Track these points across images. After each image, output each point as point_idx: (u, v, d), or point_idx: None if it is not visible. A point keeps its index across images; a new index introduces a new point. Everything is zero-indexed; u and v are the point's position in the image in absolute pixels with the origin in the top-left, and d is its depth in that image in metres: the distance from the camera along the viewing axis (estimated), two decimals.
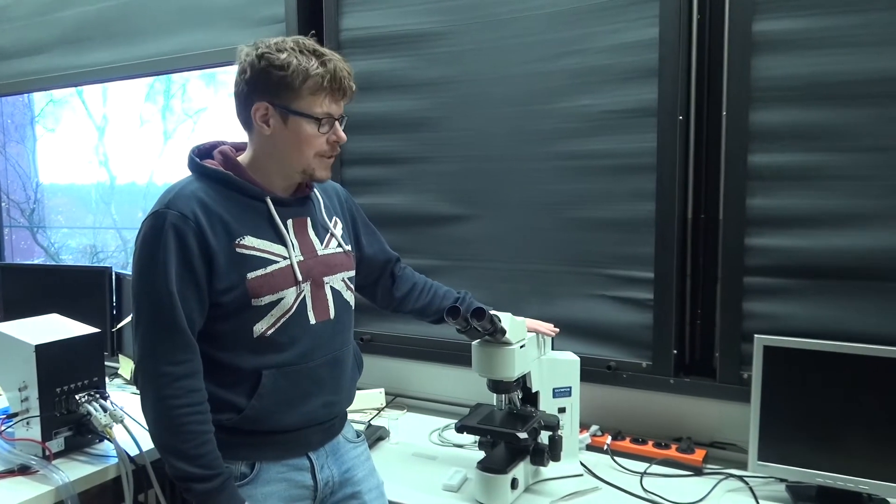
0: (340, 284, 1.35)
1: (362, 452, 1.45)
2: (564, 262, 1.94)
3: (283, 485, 1.29)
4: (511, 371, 1.51)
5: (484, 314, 1.41)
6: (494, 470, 1.52)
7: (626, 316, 1.90)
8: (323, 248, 1.31)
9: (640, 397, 1.91)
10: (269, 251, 1.23)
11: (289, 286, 1.24)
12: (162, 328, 1.15)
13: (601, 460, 1.77)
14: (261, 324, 1.22)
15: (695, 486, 1.63)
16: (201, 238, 1.16)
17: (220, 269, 1.18)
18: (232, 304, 1.20)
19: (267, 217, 1.24)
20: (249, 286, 1.20)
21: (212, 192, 1.21)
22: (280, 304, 1.23)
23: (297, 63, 1.17)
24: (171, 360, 1.15)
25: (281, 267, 1.23)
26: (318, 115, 1.21)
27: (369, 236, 1.54)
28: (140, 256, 1.17)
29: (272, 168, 1.26)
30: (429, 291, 1.60)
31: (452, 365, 2.12)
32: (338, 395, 1.36)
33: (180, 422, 1.15)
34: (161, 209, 1.17)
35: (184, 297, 1.16)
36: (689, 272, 1.86)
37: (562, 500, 1.56)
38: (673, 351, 1.83)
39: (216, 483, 1.17)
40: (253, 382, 1.23)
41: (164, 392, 1.15)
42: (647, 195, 1.83)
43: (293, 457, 1.31)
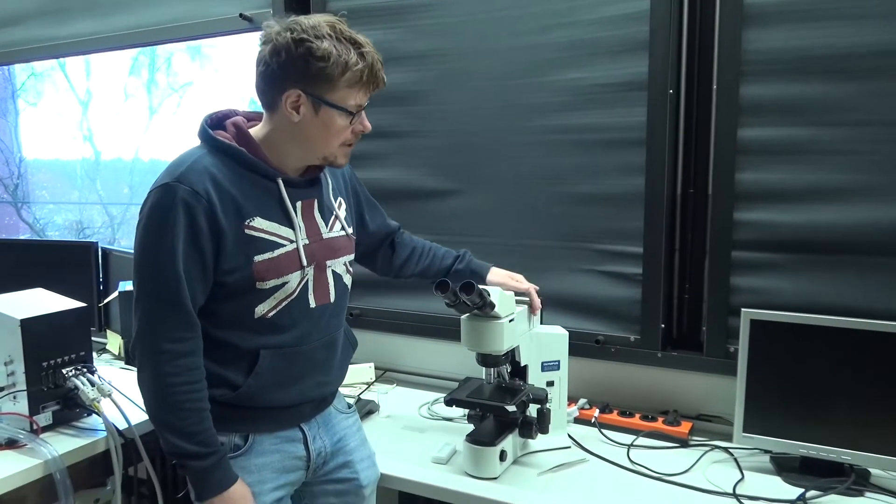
0: (341, 268, 1.35)
1: (353, 423, 1.47)
2: (553, 236, 1.94)
3: (276, 456, 1.30)
4: (500, 345, 1.51)
5: (473, 288, 1.40)
6: (483, 442, 1.53)
7: (615, 290, 1.91)
8: (328, 232, 1.31)
9: (627, 371, 1.92)
10: (278, 234, 1.22)
11: (294, 270, 1.24)
12: (165, 305, 1.14)
13: (589, 433, 1.78)
14: (262, 305, 1.22)
15: (681, 457, 1.65)
16: (212, 217, 1.14)
17: (227, 249, 1.16)
18: (235, 284, 1.19)
19: (277, 198, 1.23)
20: (255, 269, 1.19)
21: (224, 169, 1.18)
22: (284, 288, 1.23)
23: (337, 55, 1.14)
24: (171, 337, 1.14)
25: (287, 251, 1.22)
26: (351, 108, 1.20)
27: (372, 212, 1.53)
28: (146, 229, 1.14)
29: (290, 150, 1.23)
30: (427, 254, 1.60)
31: (441, 339, 2.13)
32: (330, 375, 1.38)
33: (178, 399, 1.15)
34: (172, 182, 1.14)
35: (189, 275, 1.14)
36: (678, 247, 1.86)
37: (550, 472, 1.57)
38: (661, 325, 1.85)
39: (211, 460, 1.18)
40: (250, 361, 1.23)
41: (164, 369, 1.14)
42: (637, 170, 1.83)
43: (286, 429, 1.32)
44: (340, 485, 1.41)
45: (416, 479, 1.54)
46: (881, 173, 1.60)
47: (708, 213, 1.78)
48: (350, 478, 1.42)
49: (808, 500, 1.45)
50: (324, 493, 1.41)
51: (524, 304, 1.63)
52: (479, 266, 1.64)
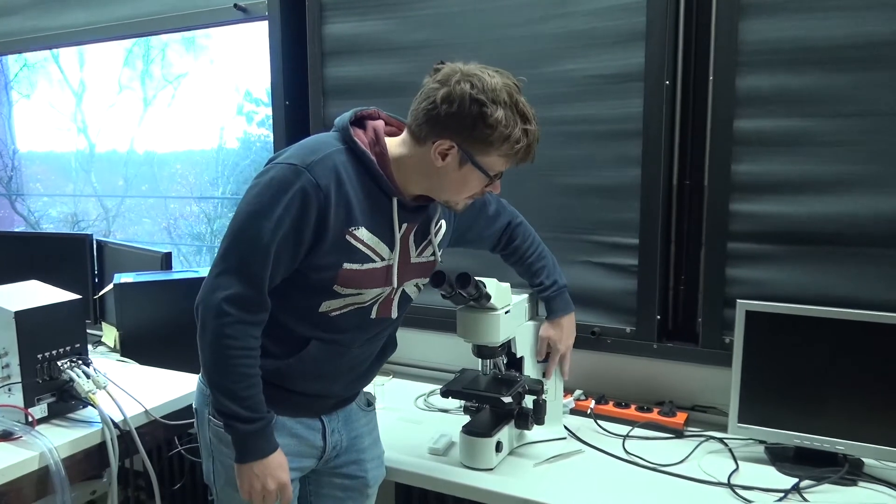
0: (412, 289, 1.37)
1: (370, 420, 1.49)
2: (549, 227, 1.94)
3: (293, 440, 1.32)
4: (496, 336, 1.51)
5: (469, 280, 1.41)
6: (479, 434, 1.54)
7: (611, 282, 1.91)
8: (416, 256, 1.32)
9: (623, 362, 1.92)
10: (375, 250, 1.23)
11: (374, 286, 1.26)
12: (243, 275, 1.15)
13: (585, 424, 1.79)
14: (331, 303, 1.25)
15: (676, 448, 1.66)
16: (322, 214, 1.15)
17: (323, 248, 1.18)
18: (316, 280, 1.21)
19: (388, 215, 1.24)
20: (341, 275, 1.21)
21: (350, 171, 1.19)
22: (358, 297, 1.25)
23: (504, 125, 1.15)
24: (240, 304, 1.16)
25: (376, 267, 1.24)
26: (493, 173, 1.21)
27: (476, 224, 1.51)
28: (258, 197, 1.15)
29: (417, 181, 1.24)
30: (525, 266, 1.61)
31: (437, 331, 2.13)
32: (363, 378, 1.41)
33: (234, 363, 1.16)
34: (301, 166, 1.14)
35: (278, 258, 1.16)
36: (674, 238, 1.86)
37: (545, 463, 1.58)
38: (656, 316, 1.85)
39: (258, 426, 1.20)
40: (299, 345, 1.26)
41: (225, 331, 1.15)
42: (633, 161, 1.82)
43: (308, 416, 1.35)
44: (348, 480, 1.43)
45: (412, 469, 1.54)
46: (878, 164, 1.60)
47: (704, 204, 1.78)
48: (358, 475, 1.43)
49: (802, 489, 1.46)
50: (330, 484, 1.43)
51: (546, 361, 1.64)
52: (554, 307, 1.64)
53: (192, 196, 3.31)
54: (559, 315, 1.64)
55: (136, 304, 2.05)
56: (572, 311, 1.66)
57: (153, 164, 3.28)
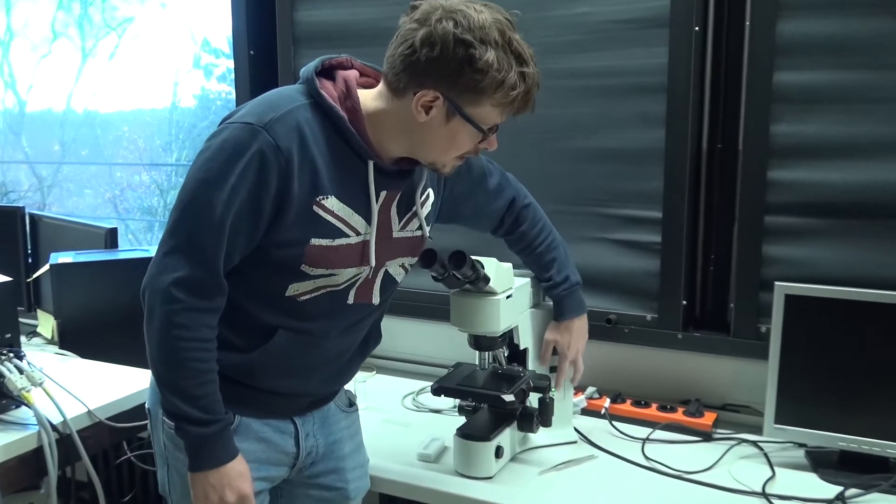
0: (397, 269, 1.35)
1: (353, 423, 1.49)
2: (557, 199, 1.92)
3: (261, 445, 1.32)
4: (496, 325, 1.51)
5: (464, 259, 1.40)
6: (476, 437, 1.54)
7: (629, 262, 1.91)
8: (399, 230, 1.31)
9: (643, 355, 1.93)
10: (347, 222, 1.22)
11: (349, 265, 1.25)
12: (194, 253, 1.15)
13: (598, 426, 1.79)
14: (298, 286, 1.24)
15: (703, 452, 1.66)
16: (284, 181, 1.14)
17: (286, 220, 1.17)
18: (280, 259, 1.20)
19: (362, 182, 1.23)
20: (308, 252, 1.20)
21: (317, 130, 1.18)
22: (329, 279, 1.24)
23: (497, 70, 1.13)
24: (192, 288, 1.15)
25: (349, 243, 1.23)
26: (486, 127, 1.20)
27: (473, 197, 1.50)
28: (209, 163, 1.14)
29: (397, 140, 1.22)
30: (532, 257, 1.62)
31: (428, 319, 2.13)
32: (342, 373, 1.41)
33: (186, 356, 1.16)
34: (258, 125, 1.14)
35: (234, 232, 1.15)
36: (703, 211, 1.86)
37: (553, 470, 1.57)
38: (682, 302, 1.85)
39: (214, 429, 1.20)
40: (264, 335, 1.26)
41: (176, 319, 1.15)
42: (656, 120, 1.82)
43: (278, 418, 1.35)
44: (326, 492, 1.43)
45: (399, 479, 1.54)
46: None
47: (738, 171, 1.78)
48: (338, 486, 1.44)
49: (847, 499, 1.47)
50: (306, 496, 1.43)
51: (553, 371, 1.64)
52: (564, 307, 1.64)
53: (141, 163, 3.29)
54: (569, 317, 1.64)
55: (76, 288, 2.04)
56: (585, 312, 1.66)
57: (95, 125, 3.26)
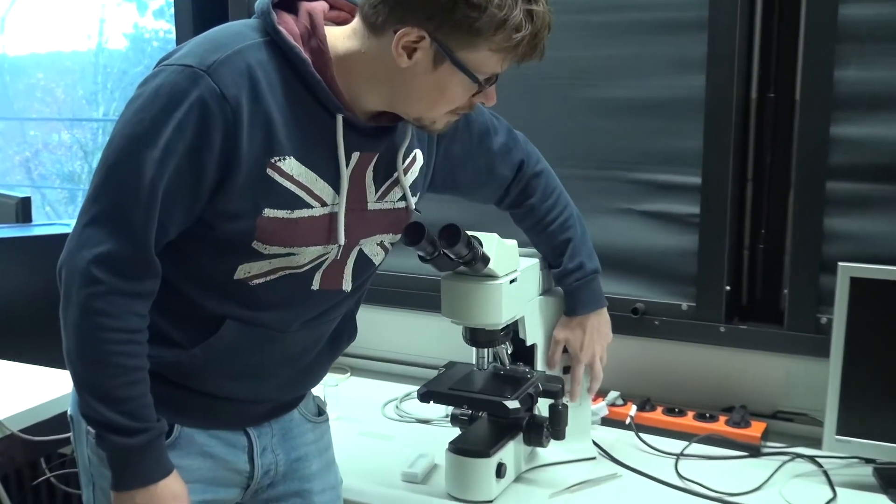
0: (374, 249, 1.35)
1: (321, 437, 1.48)
2: (572, 161, 1.92)
3: (206, 462, 1.32)
4: (497, 316, 1.51)
5: (458, 235, 1.38)
6: (473, 453, 1.54)
7: (661, 238, 1.90)
8: (376, 201, 1.31)
9: (677, 352, 1.93)
10: (311, 190, 1.21)
11: (312, 243, 1.24)
12: (119, 230, 1.13)
13: (622, 438, 1.80)
14: (249, 268, 1.23)
15: (750, 470, 1.66)
16: (231, 137, 1.13)
17: (234, 186, 1.16)
18: (225, 234, 1.19)
19: (329, 141, 1.22)
20: (260, 226, 1.19)
21: (273, 76, 1.16)
22: (288, 259, 1.24)
23: (498, 6, 1.12)
24: (115, 268, 1.14)
25: (313, 216, 1.23)
26: (483, 76, 1.19)
27: (473, 160, 1.51)
28: (139, 114, 1.13)
29: (373, 90, 1.21)
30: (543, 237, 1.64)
31: (413, 309, 2.13)
32: (307, 376, 1.41)
33: (108, 350, 1.15)
34: (199, 69, 1.12)
35: (169, 199, 1.14)
36: (751, 176, 1.86)
37: (567, 492, 1.57)
38: (725, 287, 1.85)
39: (142, 439, 1.18)
40: (208, 328, 1.25)
41: (96, 304, 1.14)
42: (694, 65, 1.81)
43: (228, 428, 1.34)
44: None
45: (377, 501, 1.55)
46: None
47: (794, 126, 1.77)
48: None
49: None
50: None
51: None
52: (578, 301, 1.66)
53: (60, 118, 3.27)
54: (583, 312, 1.65)
55: None
56: (603, 306, 1.67)
57: (2, 71, 3.23)
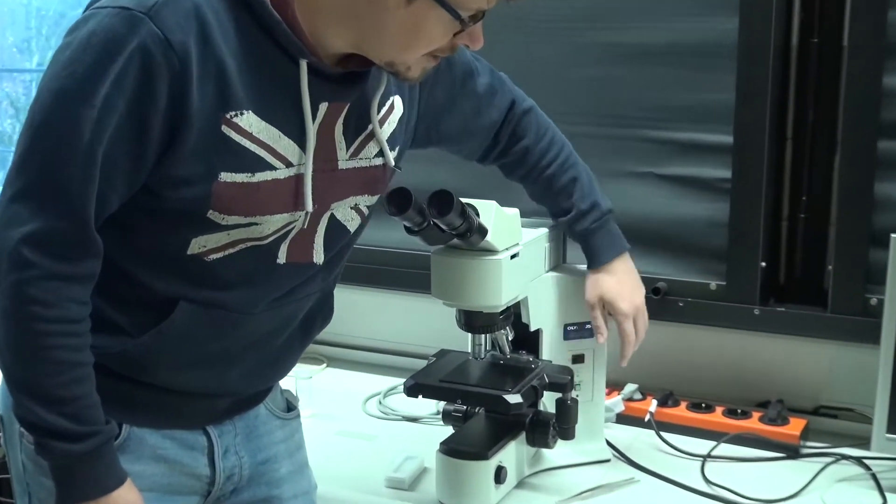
0: (348, 214, 1.35)
1: (292, 435, 1.50)
2: (582, 118, 1.94)
3: (160, 466, 1.32)
4: (496, 297, 1.51)
5: (451, 202, 1.38)
6: (468, 455, 1.54)
7: (686, 206, 1.91)
8: (348, 158, 1.32)
9: (704, 338, 1.94)
10: (272, 148, 1.21)
11: (277, 210, 1.24)
12: (51, 203, 1.12)
13: (640, 438, 1.81)
14: (204, 241, 1.23)
15: (788, 474, 1.67)
16: (179, 90, 1.12)
17: (184, 147, 1.15)
18: (175, 203, 1.19)
19: (292, 91, 1.21)
20: (216, 193, 1.18)
21: (224, 16, 1.16)
22: (249, 230, 1.23)
23: None
24: (52, 249, 1.14)
25: (276, 179, 1.22)
26: (467, 13, 1.19)
27: (458, 106, 1.53)
28: (67, 71, 1.11)
29: (341, 31, 1.22)
30: (542, 183, 1.65)
31: (399, 289, 2.14)
32: (275, 366, 1.42)
33: (45, 343, 1.15)
34: (137, 11, 1.10)
35: (110, 165, 1.13)
36: (791, 134, 1.85)
37: (577, 500, 1.58)
38: (760, 264, 1.85)
39: (88, 444, 1.18)
40: (159, 312, 1.25)
41: (29, 291, 1.13)
42: (726, 4, 1.81)
43: (184, 427, 1.35)
44: None
45: None
46: None
47: (841, 77, 1.77)
48: None
49: None
50: None
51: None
52: (598, 247, 1.65)
53: None
54: (608, 257, 1.64)
55: None
56: (627, 249, 1.67)
57: None
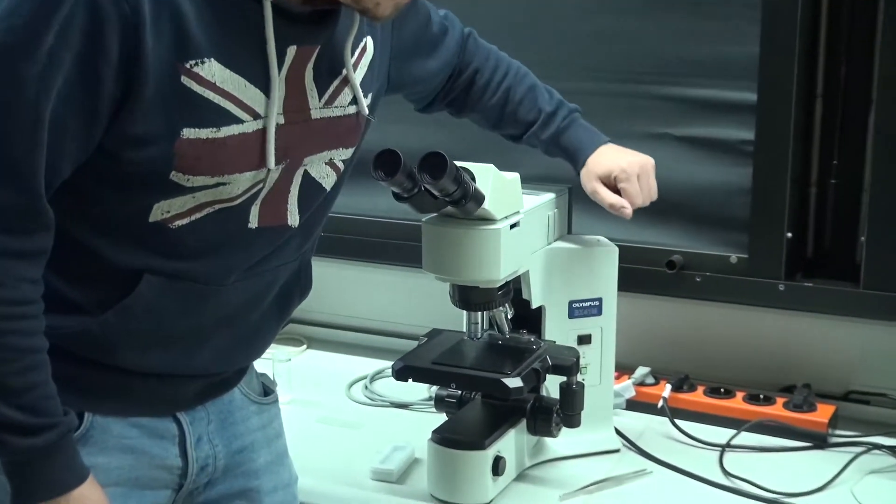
0: (323, 170, 1.37)
1: (270, 422, 1.51)
2: (588, 73, 1.95)
3: (127, 459, 1.33)
4: (494, 270, 1.52)
5: (443, 166, 1.39)
6: (463, 444, 1.56)
7: (704, 171, 1.91)
8: (322, 106, 1.33)
9: (724, 317, 1.94)
10: (238, 98, 1.21)
11: (245, 168, 1.25)
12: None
13: (652, 425, 1.83)
14: (167, 206, 1.23)
15: (815, 465, 1.68)
16: (131, 39, 1.11)
17: (141, 103, 1.15)
18: (134, 166, 1.19)
19: (256, 35, 1.22)
20: (180, 152, 1.18)
21: None
22: (217, 191, 1.24)
23: None
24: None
25: (244, 133, 1.23)
26: None
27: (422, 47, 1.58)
28: (4, 24, 1.10)
29: None
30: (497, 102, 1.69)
31: (386, 263, 2.15)
32: (249, 345, 1.44)
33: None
34: None
35: (60, 126, 1.13)
36: (821, 90, 1.85)
37: (582, 493, 1.58)
38: (785, 234, 1.85)
39: (45, 438, 1.18)
40: (122, 285, 1.26)
41: None
42: None
43: (151, 414, 1.35)
44: None
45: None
46: None
47: (877, 26, 1.77)
48: None
49: None
50: None
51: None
52: (577, 141, 1.68)
53: None
54: (591, 149, 1.68)
55: None
56: (607, 140, 1.71)
57: None
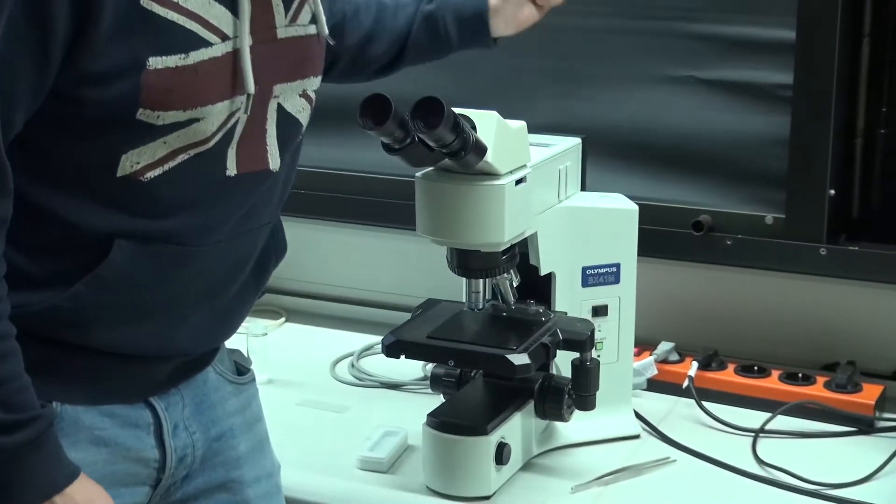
0: (298, 103, 1.40)
1: (248, 404, 1.54)
2: (609, 7, 1.97)
3: (100, 453, 1.34)
4: (497, 231, 1.52)
5: (440, 113, 1.39)
6: (463, 429, 1.57)
7: (736, 119, 1.91)
8: (288, 24, 1.36)
9: (758, 285, 1.95)
10: (203, 18, 1.23)
11: (218, 97, 1.27)
12: None
13: (677, 408, 1.84)
14: (137, 155, 1.24)
15: (860, 452, 1.69)
16: None
17: (99, 34, 1.16)
18: (97, 108, 1.20)
19: None
20: (147, 85, 1.20)
21: None
22: (190, 131, 1.26)
23: None
24: None
25: (214, 57, 1.25)
26: None
27: None
28: None
29: None
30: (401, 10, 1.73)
31: (376, 225, 2.15)
32: (227, 317, 1.46)
33: None
34: None
35: (9, 71, 1.14)
36: (868, 29, 1.85)
37: (596, 484, 1.59)
38: (828, 191, 1.85)
39: (27, 435, 1.20)
40: (92, 253, 1.27)
41: None
42: None
43: (123, 400, 1.37)
44: None
45: (328, 500, 1.60)
46: None
47: None
48: None
49: None
50: None
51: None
52: None
53: None
54: None
55: None
56: None
57: None
